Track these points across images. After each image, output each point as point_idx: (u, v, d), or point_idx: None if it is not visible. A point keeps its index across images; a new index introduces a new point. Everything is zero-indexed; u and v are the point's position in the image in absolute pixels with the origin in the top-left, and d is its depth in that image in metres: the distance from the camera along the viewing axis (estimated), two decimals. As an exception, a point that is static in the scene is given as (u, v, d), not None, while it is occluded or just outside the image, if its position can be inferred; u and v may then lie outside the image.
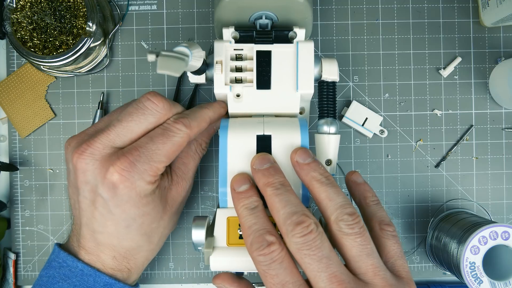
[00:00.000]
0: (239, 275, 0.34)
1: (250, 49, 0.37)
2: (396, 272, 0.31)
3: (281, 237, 0.30)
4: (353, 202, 0.36)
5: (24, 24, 0.41)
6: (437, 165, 0.46)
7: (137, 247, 0.37)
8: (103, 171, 0.34)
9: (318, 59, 0.38)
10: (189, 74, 0.38)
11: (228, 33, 0.37)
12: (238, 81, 0.37)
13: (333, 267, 0.28)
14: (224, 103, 0.39)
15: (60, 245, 0.38)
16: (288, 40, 0.37)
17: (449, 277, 0.46)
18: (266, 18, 0.38)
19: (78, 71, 0.45)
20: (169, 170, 0.38)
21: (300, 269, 0.29)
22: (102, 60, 0.45)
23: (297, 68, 0.37)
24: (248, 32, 0.37)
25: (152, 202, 0.36)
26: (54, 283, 0.36)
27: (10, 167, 0.45)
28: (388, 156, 0.46)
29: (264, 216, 0.31)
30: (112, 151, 0.34)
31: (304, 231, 0.28)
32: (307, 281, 0.29)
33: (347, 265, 0.30)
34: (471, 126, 0.46)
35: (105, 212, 0.35)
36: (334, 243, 0.30)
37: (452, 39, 0.46)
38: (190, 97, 0.46)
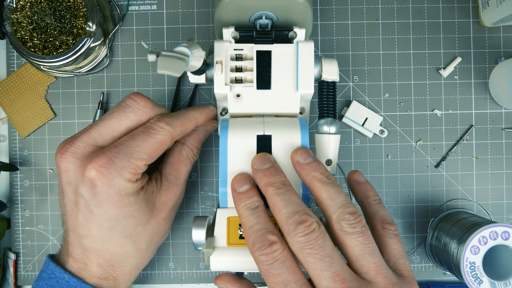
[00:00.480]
0: (239, 275, 0.34)
1: (250, 49, 0.37)
2: (398, 271, 0.31)
3: (282, 236, 0.30)
4: (353, 201, 0.36)
5: (24, 24, 0.41)
6: (437, 165, 0.46)
7: (123, 252, 0.36)
8: (82, 169, 0.33)
9: (318, 59, 0.38)
10: (189, 74, 0.38)
11: (228, 33, 0.37)
12: (238, 81, 0.37)
13: (336, 266, 0.28)
14: (213, 106, 0.40)
15: (52, 256, 0.38)
16: (288, 40, 0.37)
17: (449, 277, 0.46)
18: (266, 18, 0.38)
19: (78, 71, 0.45)
20: (159, 175, 0.38)
21: (302, 269, 0.29)
22: (102, 60, 0.45)
23: (297, 68, 0.37)
24: (248, 32, 0.37)
25: (135, 203, 0.35)
26: None
27: (10, 167, 0.45)
28: (388, 156, 0.46)
29: (266, 216, 0.31)
30: (93, 149, 0.34)
31: (306, 230, 0.29)
32: (310, 281, 0.29)
33: (349, 264, 0.30)
34: (471, 126, 0.46)
35: (87, 213, 0.34)
36: (336, 243, 0.30)
37: (452, 39, 0.46)
38: (190, 97, 0.46)
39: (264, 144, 0.34)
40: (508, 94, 0.42)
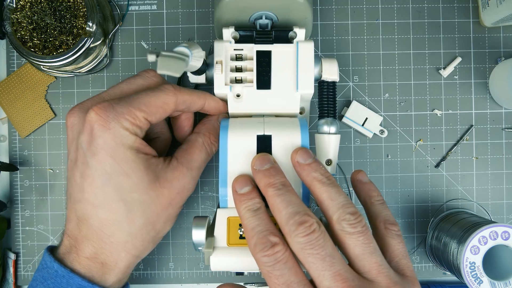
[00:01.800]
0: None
1: (250, 49, 0.37)
2: (400, 271, 0.31)
3: (284, 238, 0.30)
4: (353, 201, 0.36)
5: (24, 24, 0.41)
6: (437, 165, 0.46)
7: (114, 220, 0.34)
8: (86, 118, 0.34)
9: (318, 59, 0.38)
10: (189, 74, 0.38)
11: (228, 33, 0.37)
12: (238, 81, 0.37)
13: (337, 265, 0.28)
14: (225, 101, 0.39)
15: (52, 248, 0.37)
16: (288, 40, 0.37)
17: (449, 277, 0.46)
18: (266, 18, 0.38)
19: (78, 71, 0.45)
20: (170, 157, 0.37)
21: (303, 270, 0.29)
22: (102, 60, 0.45)
23: (297, 68, 0.37)
24: (248, 32, 0.37)
25: (132, 162, 0.33)
26: (35, 286, 0.35)
27: (10, 167, 0.45)
28: (388, 156, 0.46)
29: (267, 217, 0.31)
30: None
31: (306, 231, 0.29)
32: (311, 282, 0.29)
33: (351, 264, 0.30)
34: (471, 126, 0.46)
35: (83, 168, 0.34)
36: (337, 243, 0.30)
37: (452, 39, 0.46)
38: (190, 97, 0.46)
39: (264, 144, 0.34)
40: (508, 94, 0.42)
